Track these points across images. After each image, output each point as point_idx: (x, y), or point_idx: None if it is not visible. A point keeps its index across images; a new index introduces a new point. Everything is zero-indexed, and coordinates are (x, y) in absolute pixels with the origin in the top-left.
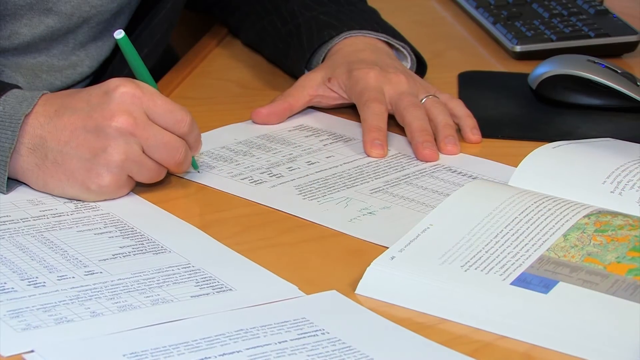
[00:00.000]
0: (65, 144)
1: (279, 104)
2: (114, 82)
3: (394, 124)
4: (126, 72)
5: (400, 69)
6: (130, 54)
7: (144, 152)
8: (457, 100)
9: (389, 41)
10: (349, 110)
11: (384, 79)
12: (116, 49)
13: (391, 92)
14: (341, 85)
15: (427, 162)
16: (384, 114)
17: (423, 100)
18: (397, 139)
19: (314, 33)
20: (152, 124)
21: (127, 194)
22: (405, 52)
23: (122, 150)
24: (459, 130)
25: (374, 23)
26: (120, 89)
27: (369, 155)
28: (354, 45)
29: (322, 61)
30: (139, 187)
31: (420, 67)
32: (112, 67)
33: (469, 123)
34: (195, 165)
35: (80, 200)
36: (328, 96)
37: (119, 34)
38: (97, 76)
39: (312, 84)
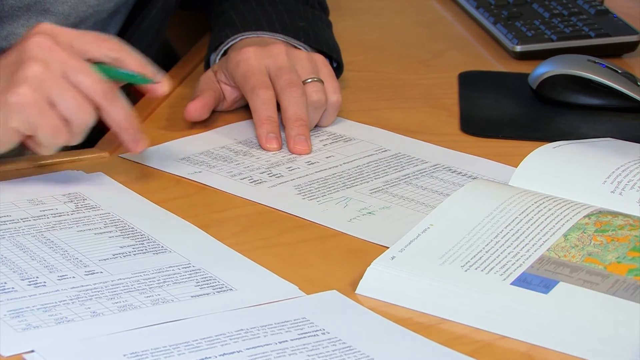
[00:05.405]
0: None
1: (207, 96)
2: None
3: (395, 124)
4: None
5: (282, 43)
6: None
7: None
8: (334, 84)
9: (290, 42)
10: (349, 110)
11: (263, 53)
12: None
13: (271, 67)
14: (226, 74)
15: (299, 155)
16: (272, 100)
17: (308, 81)
18: (397, 139)
19: (216, 32)
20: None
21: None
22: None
23: (40, 65)
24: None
25: (285, 24)
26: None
27: (265, 150)
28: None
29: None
30: (139, 187)
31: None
32: None
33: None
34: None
35: (80, 200)
36: (224, 90)
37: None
38: None
39: (208, 82)
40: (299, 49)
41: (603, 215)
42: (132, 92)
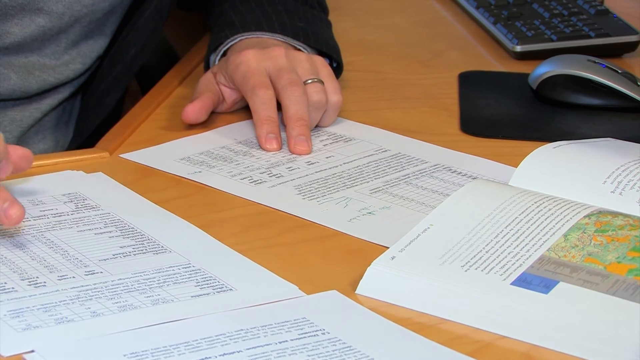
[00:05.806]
0: None
1: (205, 98)
2: None
3: (395, 124)
4: (119, 68)
5: (282, 45)
6: None
7: None
8: (334, 85)
9: (289, 42)
10: (349, 110)
11: (263, 56)
12: (109, 46)
13: (271, 68)
14: (226, 76)
15: (300, 155)
16: (272, 100)
17: (309, 82)
18: (397, 139)
19: (215, 33)
20: None
21: (125, 193)
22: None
23: None
24: None
25: (284, 24)
26: None
27: (265, 150)
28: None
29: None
30: (139, 187)
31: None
32: (105, 62)
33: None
34: None
35: (80, 200)
36: (223, 92)
37: None
38: (92, 72)
39: (207, 84)
40: (299, 49)
41: (603, 215)
42: (132, 92)
